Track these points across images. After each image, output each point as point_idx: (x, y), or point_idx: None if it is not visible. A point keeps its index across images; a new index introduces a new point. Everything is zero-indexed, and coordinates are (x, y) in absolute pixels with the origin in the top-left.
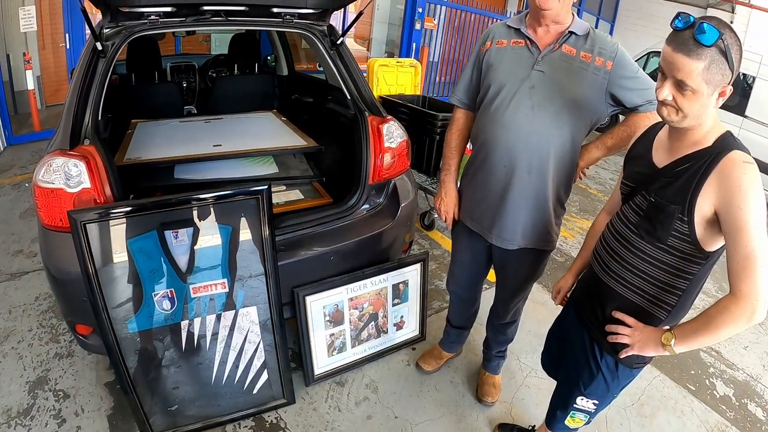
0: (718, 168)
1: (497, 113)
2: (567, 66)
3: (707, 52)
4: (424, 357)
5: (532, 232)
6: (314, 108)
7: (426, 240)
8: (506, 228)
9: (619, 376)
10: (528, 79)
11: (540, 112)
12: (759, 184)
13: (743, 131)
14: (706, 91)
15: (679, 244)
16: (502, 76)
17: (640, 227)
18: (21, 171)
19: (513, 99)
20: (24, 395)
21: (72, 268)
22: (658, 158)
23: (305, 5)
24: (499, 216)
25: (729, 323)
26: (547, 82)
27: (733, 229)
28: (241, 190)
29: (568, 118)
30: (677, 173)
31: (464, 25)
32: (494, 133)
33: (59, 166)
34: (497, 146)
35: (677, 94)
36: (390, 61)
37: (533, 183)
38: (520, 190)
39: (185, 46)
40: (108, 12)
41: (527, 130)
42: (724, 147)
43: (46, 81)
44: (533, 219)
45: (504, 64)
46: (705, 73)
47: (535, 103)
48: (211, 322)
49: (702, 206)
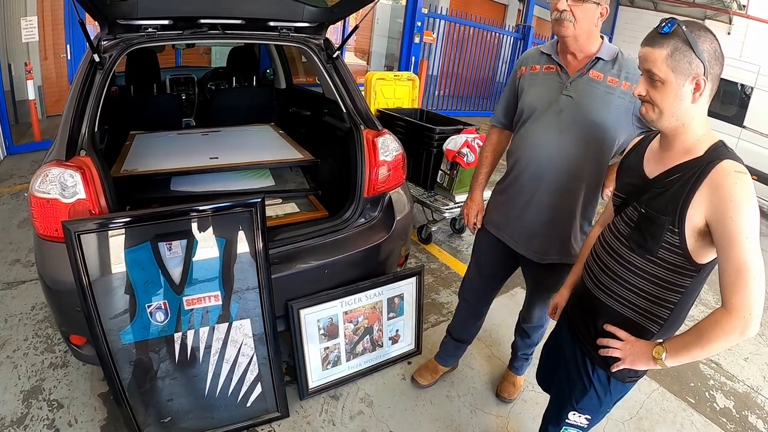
0: (710, 178)
1: (528, 135)
2: (594, 91)
3: (669, 41)
4: (419, 371)
5: (558, 247)
6: (311, 121)
7: (423, 254)
8: (534, 242)
9: (611, 390)
10: (557, 103)
11: (567, 135)
12: (751, 195)
13: (742, 141)
14: (675, 81)
15: (670, 256)
16: (533, 100)
17: (631, 239)
18: (20, 180)
19: (543, 122)
20: (18, 404)
21: (66, 278)
22: (649, 169)
23: (301, 19)
24: (527, 230)
25: (721, 337)
26: (574, 107)
27: (724, 241)
28: (235, 202)
29: (594, 141)
30: (668, 183)
31: (463, 38)
32: (526, 153)
33: (55, 176)
34: (528, 166)
35: (650, 88)
36: (388, 74)
37: (561, 201)
38: (548, 207)
39: (186, 59)
40: (105, 24)
41: (555, 152)
42: (716, 156)
43: (47, 91)
44: (559, 235)
45: (535, 88)
46: (669, 60)
47: (562, 127)
48: (205, 334)
49: (693, 217)
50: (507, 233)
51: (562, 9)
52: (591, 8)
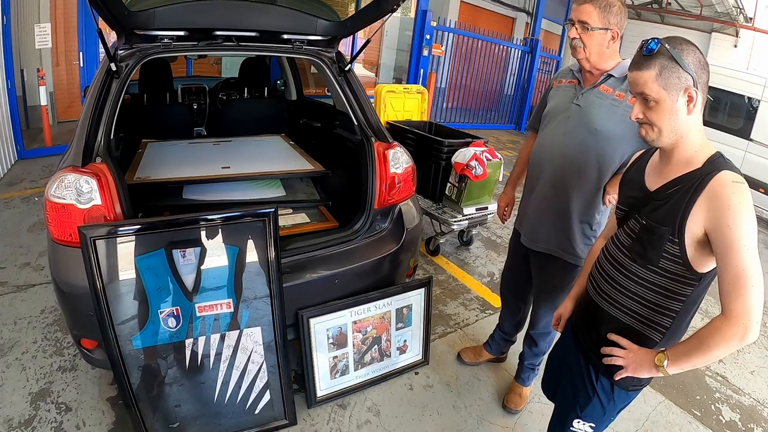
0: (708, 189)
1: (541, 136)
2: (600, 102)
3: (655, 61)
4: (465, 350)
5: (555, 239)
6: (322, 133)
7: (431, 265)
8: (531, 229)
9: (615, 398)
10: (567, 111)
11: (569, 137)
12: (749, 204)
13: (749, 154)
14: (668, 98)
15: (671, 265)
16: (552, 108)
17: (633, 250)
18: (31, 185)
19: (553, 126)
20: (26, 406)
21: (80, 283)
22: (650, 182)
23: (314, 32)
24: (532, 219)
25: (721, 344)
26: (580, 114)
27: (723, 249)
28: (248, 212)
29: (595, 146)
30: (668, 195)
31: (471, 51)
32: (537, 153)
33: (71, 182)
34: (534, 162)
35: (646, 109)
36: (397, 87)
37: (557, 196)
38: (546, 199)
39: (196, 68)
40: (123, 34)
41: (557, 151)
42: (714, 168)
43: (59, 97)
44: (556, 227)
45: (556, 99)
46: (659, 79)
47: (567, 130)
48: (216, 341)
49: (692, 227)
50: (523, 224)
51: (573, 37)
52: (599, 34)
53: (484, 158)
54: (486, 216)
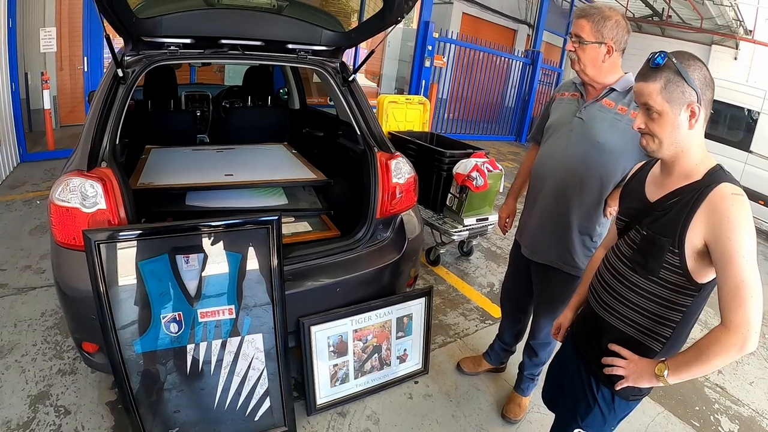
0: (707, 200)
1: (543, 148)
2: (602, 116)
3: (661, 74)
4: (465, 360)
5: (555, 250)
6: (324, 142)
7: (431, 275)
8: (532, 240)
9: (615, 408)
10: (569, 124)
11: (571, 150)
12: (748, 215)
13: (748, 166)
14: (671, 111)
15: (671, 276)
16: (554, 121)
17: (633, 261)
18: (33, 188)
19: (556, 138)
20: (25, 408)
21: (82, 286)
22: (650, 193)
23: (319, 42)
24: (533, 230)
25: (721, 354)
26: (583, 127)
27: (722, 260)
28: (251, 219)
29: (596, 159)
30: (668, 207)
31: (473, 63)
32: (539, 165)
33: (76, 186)
34: (537, 174)
35: (648, 120)
36: (399, 98)
37: (558, 208)
38: (547, 210)
39: (200, 76)
40: (130, 40)
41: (559, 163)
42: (714, 180)
43: (62, 101)
44: (557, 239)
45: (558, 111)
46: (663, 92)
47: (569, 143)
48: (217, 347)
49: (692, 238)
50: (523, 235)
51: (569, 50)
52: (592, 48)
53: (485, 169)
54: (486, 227)
